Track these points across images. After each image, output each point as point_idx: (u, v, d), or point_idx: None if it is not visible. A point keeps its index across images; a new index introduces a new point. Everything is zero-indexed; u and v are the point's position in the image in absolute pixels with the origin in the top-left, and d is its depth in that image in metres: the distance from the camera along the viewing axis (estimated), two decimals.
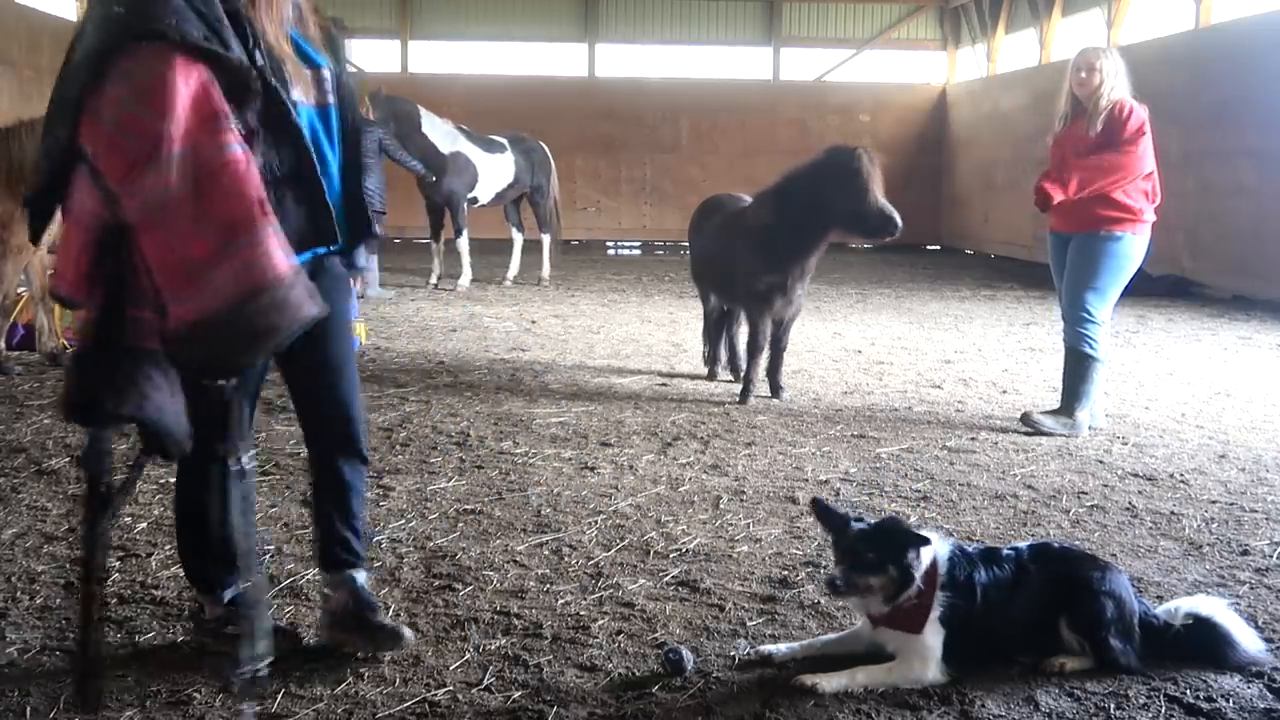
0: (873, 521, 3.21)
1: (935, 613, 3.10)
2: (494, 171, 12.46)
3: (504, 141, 12.68)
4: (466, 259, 12.58)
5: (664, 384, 7.46)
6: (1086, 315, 5.96)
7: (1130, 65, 6.06)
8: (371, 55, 19.38)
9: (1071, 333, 6.02)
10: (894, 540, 3.10)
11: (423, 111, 12.01)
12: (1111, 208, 5.85)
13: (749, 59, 20.31)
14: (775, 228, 6.64)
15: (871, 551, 3.09)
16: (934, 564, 3.13)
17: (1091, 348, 5.98)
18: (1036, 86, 16.63)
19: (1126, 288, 6.13)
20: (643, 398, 6.98)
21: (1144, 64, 6.24)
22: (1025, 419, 6.11)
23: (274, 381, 3.86)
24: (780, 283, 6.74)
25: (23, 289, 7.65)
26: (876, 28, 20.14)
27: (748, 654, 3.28)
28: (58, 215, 2.69)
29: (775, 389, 6.97)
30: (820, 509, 3.30)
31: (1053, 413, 6.13)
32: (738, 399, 6.87)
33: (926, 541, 3.12)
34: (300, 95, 2.89)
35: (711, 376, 7.62)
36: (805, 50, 20.18)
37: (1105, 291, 5.97)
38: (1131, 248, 5.92)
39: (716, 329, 7.67)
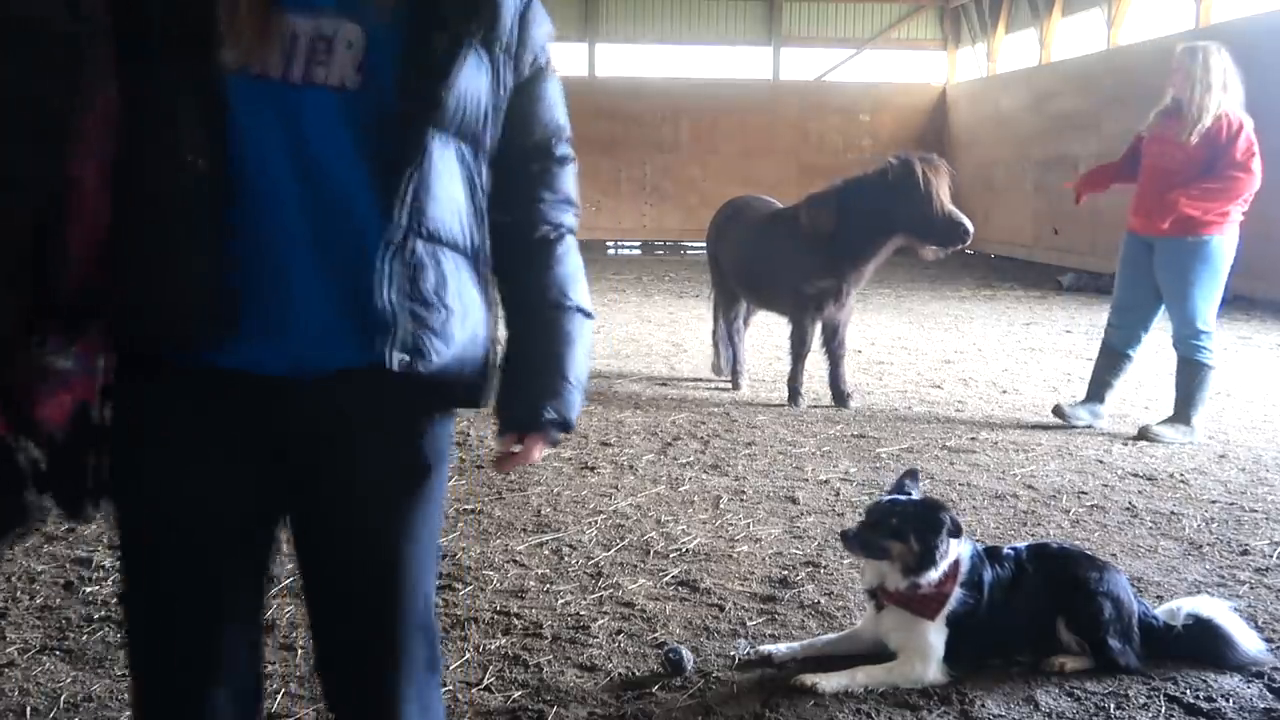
0: (915, 498, 3.21)
1: (948, 608, 3.10)
2: None
3: None
4: None
5: (664, 384, 7.46)
6: (1200, 328, 5.88)
7: (1132, 66, 6.04)
8: None
9: (1186, 345, 5.94)
10: (926, 518, 3.09)
11: None
12: (1198, 210, 5.76)
13: (749, 58, 20.29)
14: (834, 232, 6.60)
15: (896, 519, 3.09)
16: (958, 561, 3.13)
17: (1206, 357, 5.91)
18: (1036, 86, 16.63)
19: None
20: (642, 397, 6.98)
21: (1143, 64, 6.22)
22: (1144, 432, 6.00)
23: None
24: (833, 288, 6.72)
25: None
26: (877, 27, 20.12)
27: (748, 654, 3.28)
28: None
29: (841, 397, 6.77)
30: (907, 476, 3.29)
31: (1169, 422, 6.03)
32: (788, 402, 6.78)
33: (959, 533, 3.12)
34: (246, 57, 1.52)
35: (736, 386, 7.26)
36: (805, 50, 20.17)
37: (1210, 298, 5.90)
38: (1221, 248, 5.84)
39: (735, 334, 7.46)
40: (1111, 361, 6.25)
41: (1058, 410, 6.29)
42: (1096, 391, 6.29)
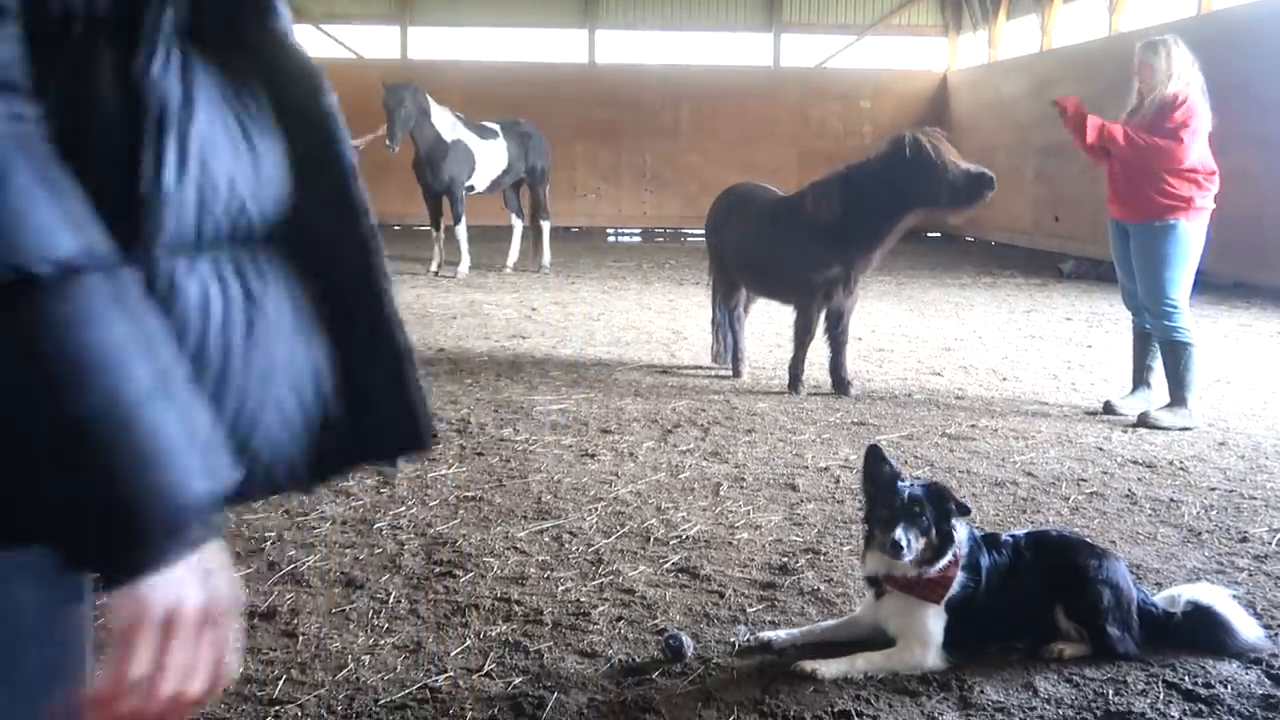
0: (921, 483, 3.19)
1: (950, 591, 3.10)
2: (489, 158, 12.49)
3: (496, 128, 12.69)
4: (466, 246, 12.57)
5: (664, 371, 7.46)
6: (1169, 306, 5.97)
7: (1133, 52, 6.09)
8: (372, 41, 19.34)
9: (1160, 326, 6.03)
10: (942, 505, 3.10)
11: (430, 100, 12.01)
12: (1163, 196, 5.90)
13: (750, 45, 20.23)
14: (842, 218, 6.56)
15: (923, 513, 3.08)
16: (958, 544, 3.14)
17: (1183, 335, 6.00)
18: (1038, 73, 16.59)
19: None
20: (643, 385, 6.98)
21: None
22: (1143, 419, 6.04)
23: None
24: (841, 276, 6.69)
25: None
26: (877, 13, 20.06)
27: (747, 640, 3.29)
28: None
29: (842, 384, 6.77)
30: (874, 456, 3.21)
31: (1166, 407, 6.08)
32: (788, 389, 6.78)
33: (968, 511, 3.14)
34: None
35: (737, 374, 7.27)
36: (806, 36, 20.10)
37: (1178, 279, 5.99)
38: (1188, 233, 5.95)
39: (736, 322, 7.42)
40: (1140, 345, 6.37)
41: (1108, 407, 6.30)
42: (1139, 377, 6.37)
